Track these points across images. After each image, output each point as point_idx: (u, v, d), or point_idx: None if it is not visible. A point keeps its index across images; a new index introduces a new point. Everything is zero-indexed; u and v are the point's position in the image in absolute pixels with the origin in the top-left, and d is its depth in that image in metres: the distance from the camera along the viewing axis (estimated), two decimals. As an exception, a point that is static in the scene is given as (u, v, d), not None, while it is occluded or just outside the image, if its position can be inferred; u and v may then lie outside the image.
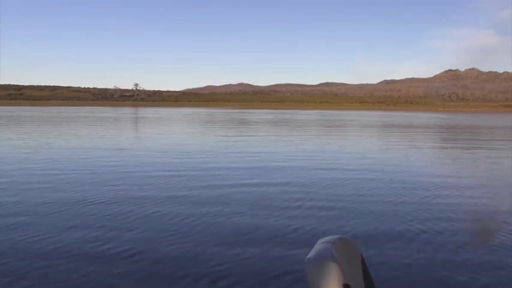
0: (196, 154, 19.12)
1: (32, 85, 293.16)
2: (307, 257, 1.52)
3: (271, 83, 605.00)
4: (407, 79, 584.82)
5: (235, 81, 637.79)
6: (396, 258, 6.39)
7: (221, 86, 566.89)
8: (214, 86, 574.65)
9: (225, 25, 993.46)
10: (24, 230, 7.46)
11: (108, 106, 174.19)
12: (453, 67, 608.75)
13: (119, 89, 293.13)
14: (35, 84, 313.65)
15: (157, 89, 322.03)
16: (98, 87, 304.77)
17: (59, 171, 13.86)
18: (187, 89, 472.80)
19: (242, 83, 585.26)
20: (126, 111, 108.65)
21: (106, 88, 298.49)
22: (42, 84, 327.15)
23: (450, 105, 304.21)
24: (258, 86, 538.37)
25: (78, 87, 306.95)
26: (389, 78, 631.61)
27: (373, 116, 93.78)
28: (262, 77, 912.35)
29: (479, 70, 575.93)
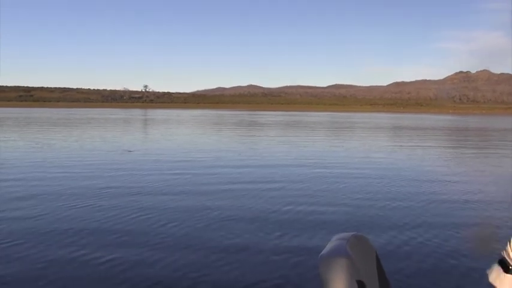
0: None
1: (42, 87, 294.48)
2: (320, 254, 1.50)
3: (280, 85, 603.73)
4: (417, 81, 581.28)
5: (244, 83, 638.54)
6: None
7: (231, 88, 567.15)
8: (223, 88, 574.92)
9: (234, 27, 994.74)
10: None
11: (117, 108, 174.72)
12: (464, 69, 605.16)
13: (128, 91, 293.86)
14: (45, 85, 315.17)
15: (166, 91, 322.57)
16: (108, 88, 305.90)
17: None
18: (196, 91, 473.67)
19: (252, 85, 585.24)
20: (135, 113, 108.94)
21: (115, 90, 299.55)
22: (52, 86, 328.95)
23: (461, 107, 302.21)
24: (268, 88, 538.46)
25: (87, 89, 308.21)
26: (399, 80, 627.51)
27: (383, 118, 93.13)
28: (271, 79, 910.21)
29: (490, 72, 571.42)
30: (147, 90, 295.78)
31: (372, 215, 9.06)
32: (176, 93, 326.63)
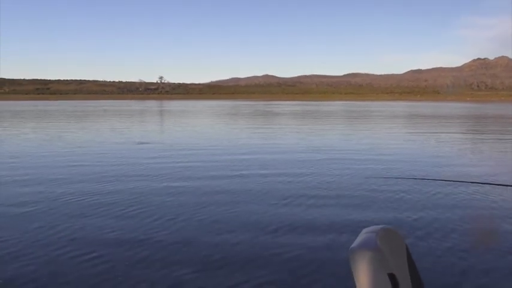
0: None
1: (59, 79, 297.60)
2: (351, 247, 1.47)
3: (296, 74, 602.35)
4: (434, 68, 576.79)
5: (260, 72, 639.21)
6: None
7: (246, 78, 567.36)
8: (238, 78, 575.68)
9: (250, 18, 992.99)
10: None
11: (133, 99, 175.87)
12: (482, 56, 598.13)
13: (144, 82, 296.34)
14: (62, 78, 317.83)
15: (181, 82, 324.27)
16: (123, 80, 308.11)
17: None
18: (211, 82, 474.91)
19: (267, 75, 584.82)
20: (152, 104, 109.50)
21: (131, 81, 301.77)
22: (68, 78, 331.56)
23: (479, 94, 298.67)
24: (283, 78, 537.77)
25: (103, 81, 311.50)
26: (415, 68, 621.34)
27: (400, 107, 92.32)
28: (287, 69, 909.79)
29: (509, 58, 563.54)
30: (163, 81, 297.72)
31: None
32: (191, 84, 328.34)
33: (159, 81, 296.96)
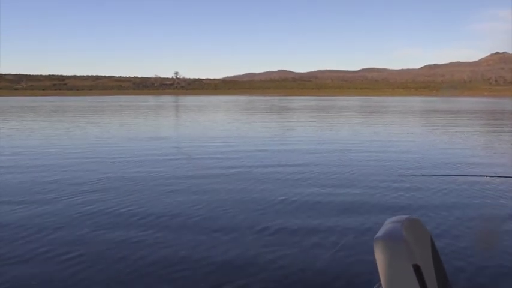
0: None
1: (75, 75, 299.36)
2: (375, 236, 1.49)
3: (311, 70, 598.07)
4: (451, 63, 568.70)
5: (275, 68, 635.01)
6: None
7: (261, 73, 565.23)
8: (254, 73, 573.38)
9: (264, 12, 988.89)
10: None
11: (149, 95, 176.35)
12: (501, 50, 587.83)
13: (160, 78, 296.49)
14: (78, 74, 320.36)
15: (197, 77, 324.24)
16: (139, 76, 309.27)
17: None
18: (227, 77, 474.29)
19: (282, 70, 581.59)
20: (168, 99, 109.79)
21: (147, 77, 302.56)
22: (84, 74, 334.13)
23: (497, 89, 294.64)
24: (298, 73, 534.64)
25: (119, 76, 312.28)
26: (432, 62, 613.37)
27: (415, 102, 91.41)
28: (302, 64, 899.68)
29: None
30: (178, 77, 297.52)
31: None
32: (207, 79, 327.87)
33: (175, 76, 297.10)
